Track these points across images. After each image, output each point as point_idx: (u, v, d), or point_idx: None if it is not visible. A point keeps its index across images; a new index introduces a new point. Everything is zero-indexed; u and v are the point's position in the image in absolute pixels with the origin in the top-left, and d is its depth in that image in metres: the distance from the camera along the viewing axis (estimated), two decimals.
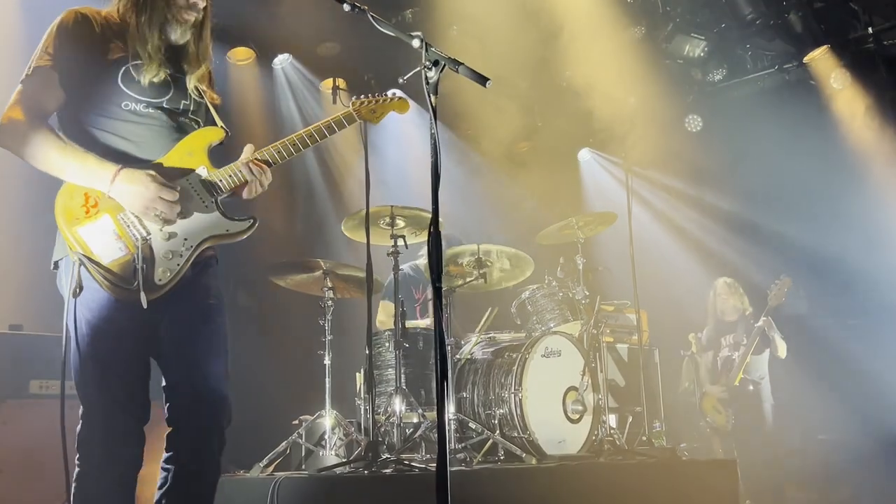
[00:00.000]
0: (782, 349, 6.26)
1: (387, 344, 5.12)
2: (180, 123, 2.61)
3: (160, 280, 2.44)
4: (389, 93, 3.29)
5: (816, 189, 7.65)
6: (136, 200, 2.41)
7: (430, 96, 2.24)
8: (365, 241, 4.64)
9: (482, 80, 2.34)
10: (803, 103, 7.76)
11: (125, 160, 2.47)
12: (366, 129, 5.09)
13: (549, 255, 6.40)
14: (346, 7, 2.46)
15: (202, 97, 2.69)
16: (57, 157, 2.40)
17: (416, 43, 2.29)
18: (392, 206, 4.86)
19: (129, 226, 2.43)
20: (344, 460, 4.61)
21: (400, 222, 4.91)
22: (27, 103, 2.43)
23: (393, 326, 5.38)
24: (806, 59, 7.69)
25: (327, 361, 5.09)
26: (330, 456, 4.87)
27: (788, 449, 6.98)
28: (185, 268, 2.49)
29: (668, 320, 8.09)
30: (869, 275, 7.35)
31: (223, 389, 2.57)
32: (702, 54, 7.76)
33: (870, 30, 7.37)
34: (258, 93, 6.96)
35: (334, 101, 7.03)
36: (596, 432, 5.03)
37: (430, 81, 2.25)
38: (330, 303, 5.16)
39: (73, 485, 2.45)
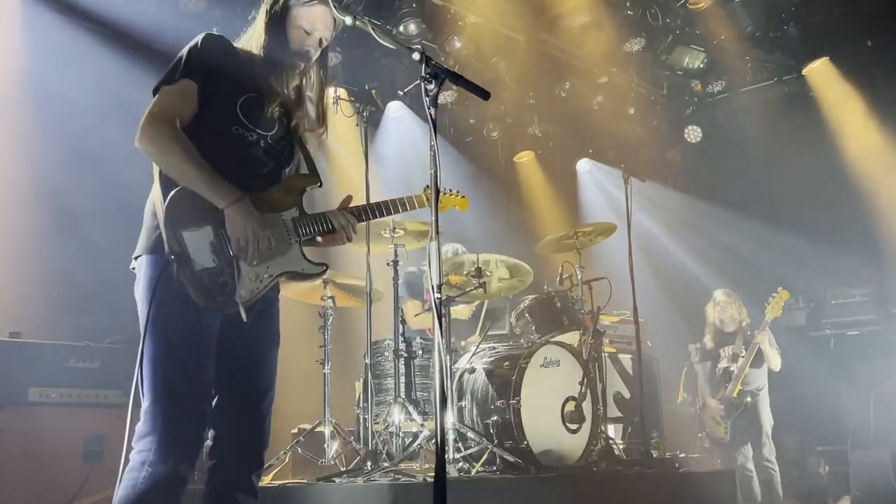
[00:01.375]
0: (776, 362, 6.26)
1: (386, 353, 5.13)
2: (276, 159, 2.73)
3: (241, 298, 2.52)
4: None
5: (815, 200, 7.68)
6: (238, 228, 2.51)
7: (429, 109, 2.26)
8: (365, 250, 4.66)
9: (482, 93, 2.35)
10: (802, 114, 7.80)
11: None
12: (367, 137, 5.13)
13: (548, 265, 6.42)
14: (349, 20, 2.49)
15: (300, 143, 2.83)
16: (192, 169, 2.49)
17: (416, 56, 2.31)
18: (392, 218, 4.87)
19: (224, 242, 2.52)
20: (342, 469, 4.61)
21: (401, 232, 4.92)
22: (169, 111, 2.54)
23: (416, 326, 5.41)
24: (805, 71, 7.73)
25: (326, 370, 5.10)
26: (329, 465, 4.87)
27: (787, 460, 6.99)
28: (263, 293, 2.61)
29: (668, 330, 8.10)
30: (868, 286, 7.37)
31: (270, 417, 2.72)
32: (701, 66, 7.80)
33: (869, 42, 7.41)
34: None
35: (336, 111, 7.07)
36: (594, 442, 5.03)
37: (430, 94, 2.27)
38: (330, 311, 5.17)
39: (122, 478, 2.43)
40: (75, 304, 5.37)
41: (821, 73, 7.69)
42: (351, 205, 2.86)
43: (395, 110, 7.61)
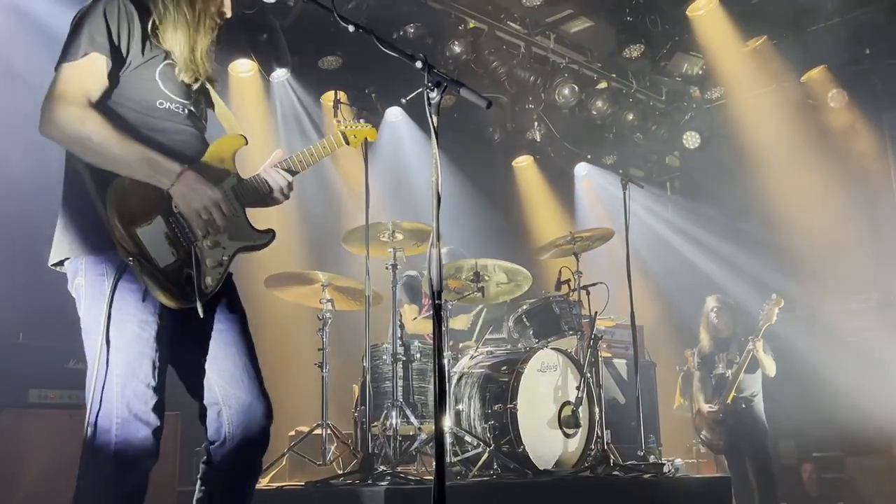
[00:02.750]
0: (771, 368, 6.28)
1: (384, 356, 5.14)
2: (199, 127, 2.58)
3: (207, 288, 2.39)
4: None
5: (813, 206, 7.70)
6: (194, 202, 2.35)
7: (431, 117, 2.27)
8: (364, 254, 4.68)
9: (484, 101, 2.36)
10: (800, 121, 7.83)
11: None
12: (366, 142, 5.15)
13: (546, 270, 6.45)
14: (351, 28, 2.50)
15: (210, 104, 2.67)
16: (117, 148, 2.27)
17: (418, 64, 2.32)
18: (392, 221, 4.89)
19: (179, 230, 2.37)
20: (340, 472, 4.63)
21: (399, 236, 4.94)
22: (74, 89, 2.30)
23: (411, 330, 5.43)
24: (803, 79, 7.76)
25: (325, 373, 5.11)
26: (326, 468, 4.89)
27: (783, 466, 7.00)
28: (224, 277, 2.46)
29: (665, 336, 8.13)
30: (865, 292, 7.39)
31: (267, 396, 2.56)
32: (700, 72, 7.83)
33: (867, 51, 7.45)
34: (259, 105, 7.01)
35: (335, 115, 7.08)
36: (591, 447, 5.05)
37: (432, 102, 2.28)
38: (328, 315, 5.19)
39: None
40: (75, 304, 5.38)
41: (818, 80, 7.73)
42: (278, 159, 2.66)
43: (394, 115, 7.64)
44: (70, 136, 2.28)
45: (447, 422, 4.70)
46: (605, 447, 5.03)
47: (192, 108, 2.52)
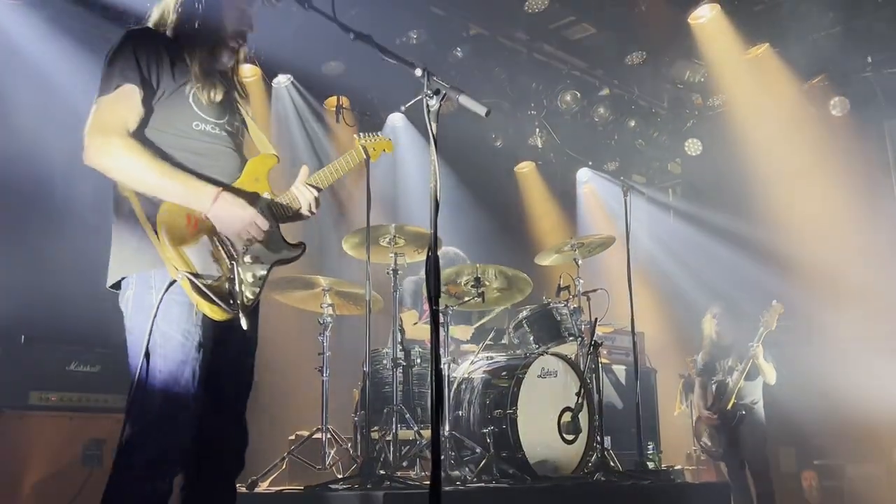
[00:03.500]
0: (771, 376, 6.28)
1: (385, 361, 5.15)
2: (237, 143, 2.70)
3: (248, 301, 2.53)
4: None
5: (814, 213, 7.70)
6: (233, 223, 2.49)
7: (430, 124, 2.29)
8: (365, 258, 4.69)
9: (483, 109, 2.38)
10: (802, 129, 7.83)
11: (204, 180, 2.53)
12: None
13: (547, 276, 6.45)
14: (351, 36, 2.52)
15: (244, 120, 2.79)
16: (154, 176, 2.41)
17: (418, 72, 2.34)
18: (394, 225, 4.90)
19: (223, 247, 2.50)
20: (339, 477, 4.63)
21: (400, 241, 4.95)
22: (112, 121, 2.43)
23: (409, 336, 5.43)
24: (805, 87, 7.76)
25: (325, 378, 5.12)
26: (326, 472, 4.89)
27: (783, 474, 7.00)
28: (262, 290, 2.59)
29: (667, 342, 8.13)
30: (867, 299, 7.39)
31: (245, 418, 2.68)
32: (702, 79, 7.84)
33: (869, 58, 7.46)
34: (262, 110, 7.03)
35: (337, 120, 7.12)
36: (590, 453, 5.05)
37: (431, 110, 2.30)
38: (329, 319, 5.19)
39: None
40: (77, 306, 5.40)
41: (820, 88, 7.73)
42: (305, 176, 2.79)
43: (396, 121, 7.66)
44: (111, 167, 2.42)
45: (446, 427, 4.71)
46: (605, 453, 5.03)
47: (227, 127, 2.65)
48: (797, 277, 7.61)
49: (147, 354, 2.37)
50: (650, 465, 5.66)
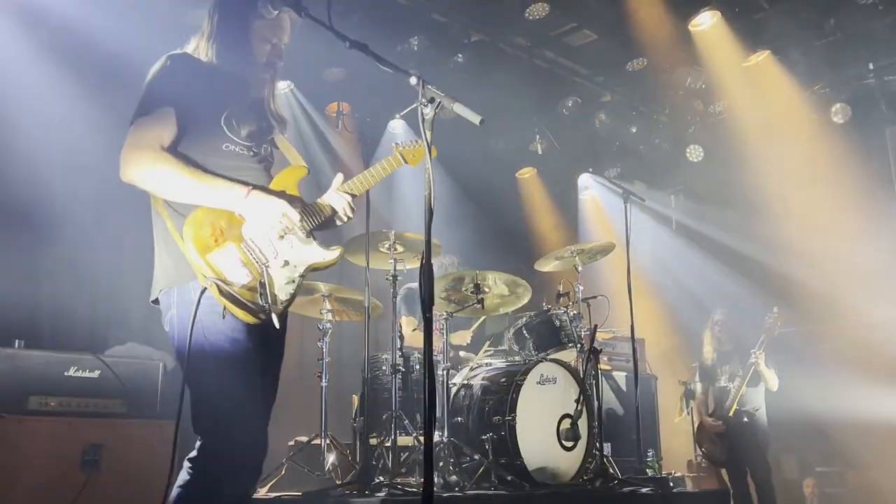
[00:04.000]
0: (773, 382, 6.27)
1: (384, 367, 5.15)
2: (266, 164, 2.78)
3: (282, 303, 2.60)
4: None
5: (816, 220, 7.69)
6: (266, 215, 2.57)
7: (425, 132, 2.30)
8: (364, 264, 4.69)
9: (477, 118, 2.39)
10: (803, 136, 7.83)
11: None
12: (367, 152, 5.19)
13: (547, 282, 6.45)
14: (347, 44, 2.54)
15: (275, 146, 2.87)
16: (188, 181, 2.51)
17: (413, 80, 2.35)
18: (393, 231, 4.91)
19: (251, 253, 2.56)
20: (338, 483, 4.63)
21: (399, 247, 4.95)
22: (147, 138, 2.53)
23: (413, 342, 5.42)
24: (806, 94, 7.76)
25: (324, 384, 5.12)
26: (325, 478, 4.89)
27: (785, 480, 6.99)
28: (297, 293, 2.65)
29: (667, 349, 8.12)
30: (867, 308, 7.38)
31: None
32: (703, 86, 7.84)
33: (870, 65, 7.46)
34: None
35: (338, 126, 7.12)
36: (589, 460, 5.04)
37: (426, 118, 2.31)
38: (328, 325, 5.20)
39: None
40: (76, 312, 5.41)
41: (822, 95, 7.73)
42: (340, 183, 2.87)
43: (396, 127, 7.67)
44: (147, 177, 2.52)
45: (444, 433, 4.71)
46: (604, 460, 5.02)
47: (255, 150, 2.72)
48: (798, 283, 7.60)
49: (193, 363, 2.43)
50: (650, 472, 5.66)
